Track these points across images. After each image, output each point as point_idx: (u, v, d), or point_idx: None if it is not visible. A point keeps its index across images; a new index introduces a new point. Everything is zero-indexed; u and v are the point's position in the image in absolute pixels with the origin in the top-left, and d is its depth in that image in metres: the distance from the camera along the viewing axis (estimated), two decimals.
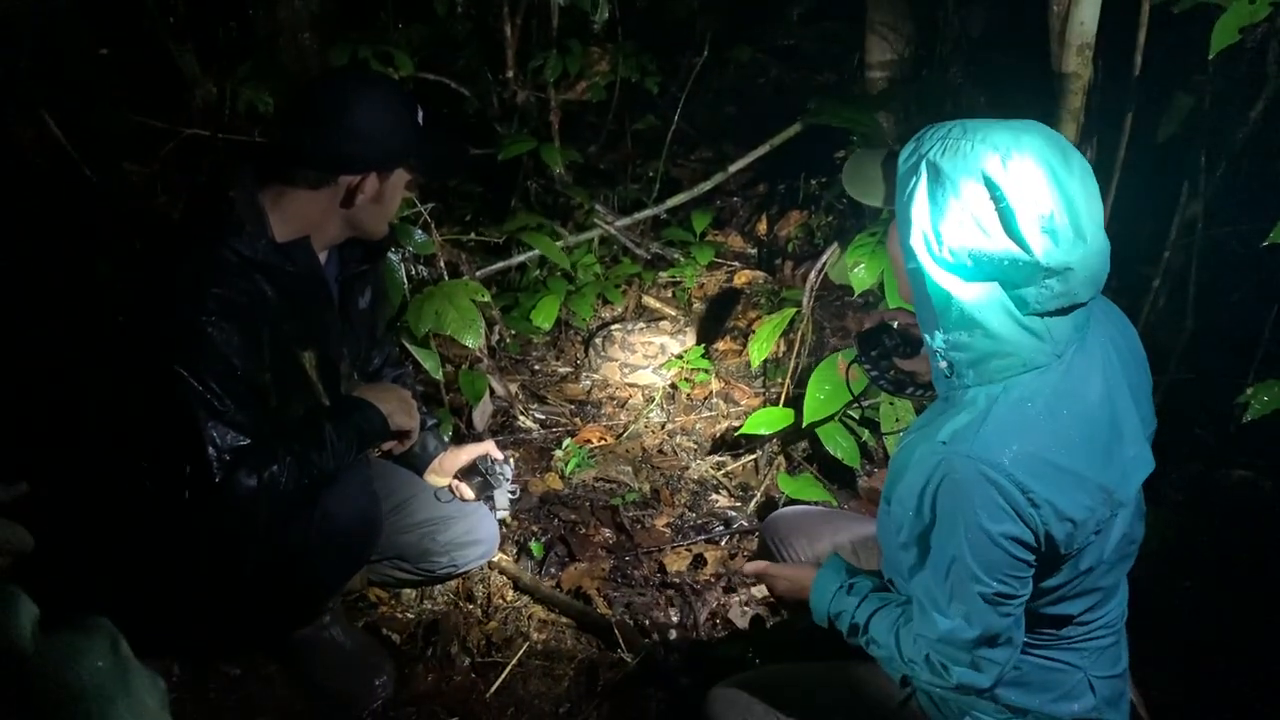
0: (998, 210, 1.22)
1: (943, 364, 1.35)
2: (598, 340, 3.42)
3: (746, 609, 2.38)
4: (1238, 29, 2.03)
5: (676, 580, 2.48)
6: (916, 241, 1.29)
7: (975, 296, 1.27)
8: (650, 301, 3.70)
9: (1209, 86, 2.75)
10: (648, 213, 3.72)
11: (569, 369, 3.45)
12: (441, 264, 2.84)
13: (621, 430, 3.10)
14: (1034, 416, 1.27)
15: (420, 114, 1.80)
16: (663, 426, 3.14)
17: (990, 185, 1.22)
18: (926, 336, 1.36)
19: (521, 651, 2.24)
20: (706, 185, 3.74)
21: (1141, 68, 2.49)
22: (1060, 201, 1.21)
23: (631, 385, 3.32)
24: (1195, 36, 2.16)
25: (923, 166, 1.27)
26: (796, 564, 1.87)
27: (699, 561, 2.54)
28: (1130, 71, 2.51)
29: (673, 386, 3.30)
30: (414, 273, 2.81)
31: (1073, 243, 1.21)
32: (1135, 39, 2.46)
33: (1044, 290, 1.24)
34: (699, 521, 2.71)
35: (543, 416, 3.15)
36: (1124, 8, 2.43)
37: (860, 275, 2.42)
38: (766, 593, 2.31)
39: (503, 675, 2.18)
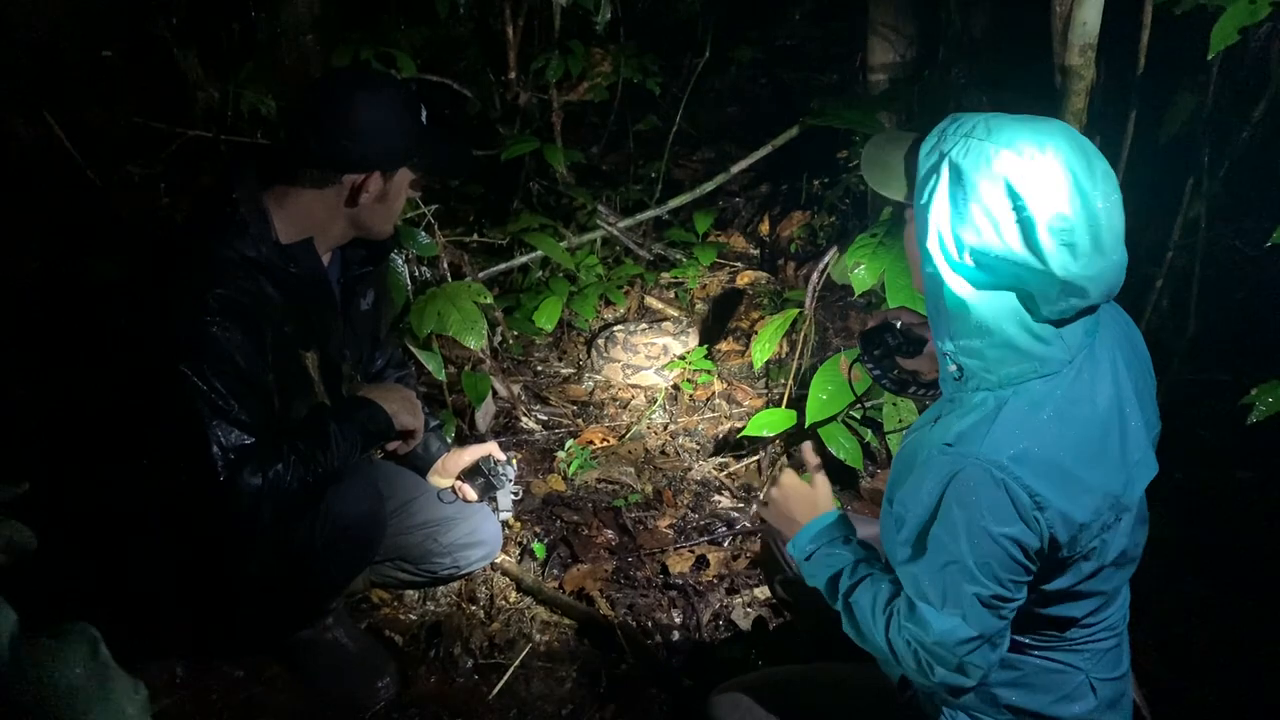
0: (1017, 219, 1.18)
1: (953, 368, 1.32)
2: (600, 341, 3.41)
3: (749, 610, 2.38)
4: (1237, 29, 2.03)
5: (679, 582, 2.48)
6: (933, 244, 1.26)
7: (990, 303, 1.24)
8: (653, 302, 3.70)
9: (1211, 86, 2.75)
10: (650, 214, 3.72)
11: (571, 370, 3.45)
12: (444, 265, 2.85)
13: (624, 431, 3.10)
14: (1043, 421, 1.25)
15: (424, 113, 1.81)
16: (665, 427, 3.14)
17: (1011, 192, 1.18)
18: (938, 340, 1.34)
19: (524, 653, 2.24)
20: (708, 186, 3.74)
21: (1143, 68, 2.49)
22: (1082, 213, 1.18)
23: (634, 386, 3.32)
24: (1197, 36, 2.16)
25: (944, 166, 1.23)
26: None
27: (701, 563, 2.54)
28: (1133, 72, 2.51)
29: (675, 387, 3.30)
30: (417, 274, 2.81)
31: (1090, 257, 1.18)
32: (1137, 39, 2.46)
33: (1058, 302, 1.21)
34: (702, 523, 2.71)
35: (545, 417, 3.15)
36: (1126, 8, 2.43)
37: (861, 276, 2.42)
38: (769, 594, 2.31)
39: (505, 677, 2.18)
